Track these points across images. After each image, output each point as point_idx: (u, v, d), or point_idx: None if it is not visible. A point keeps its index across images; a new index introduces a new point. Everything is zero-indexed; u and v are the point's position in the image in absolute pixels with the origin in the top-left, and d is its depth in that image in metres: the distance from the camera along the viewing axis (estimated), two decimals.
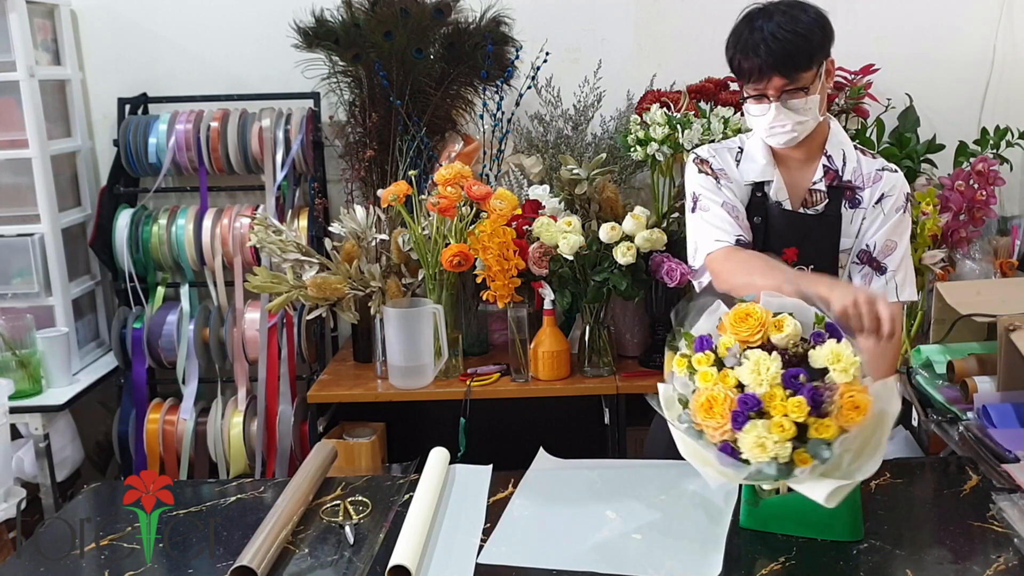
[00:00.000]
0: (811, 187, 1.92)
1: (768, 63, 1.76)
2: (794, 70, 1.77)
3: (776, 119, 1.81)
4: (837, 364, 1.45)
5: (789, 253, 1.88)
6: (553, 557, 1.58)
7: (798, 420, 1.43)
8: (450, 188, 2.57)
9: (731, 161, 1.96)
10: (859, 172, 1.93)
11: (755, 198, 1.94)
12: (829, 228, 1.92)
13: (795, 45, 1.76)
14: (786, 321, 1.49)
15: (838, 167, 1.92)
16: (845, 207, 1.92)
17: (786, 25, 1.75)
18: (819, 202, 1.92)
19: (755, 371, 1.46)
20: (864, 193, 1.92)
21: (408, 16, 2.82)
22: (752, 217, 1.93)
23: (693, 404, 1.52)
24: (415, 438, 2.81)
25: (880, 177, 1.92)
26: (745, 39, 1.78)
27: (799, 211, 1.92)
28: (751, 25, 1.79)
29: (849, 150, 1.94)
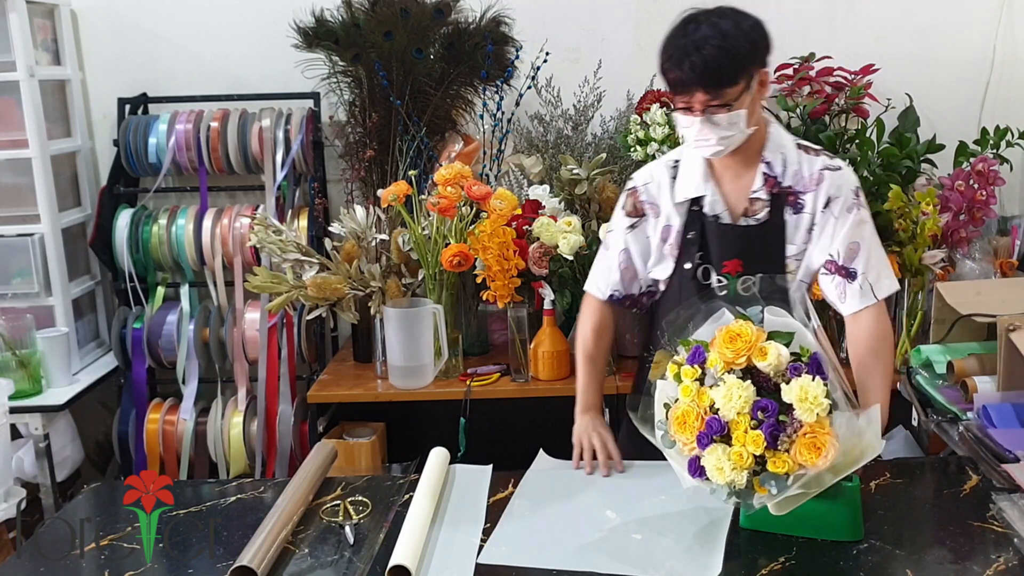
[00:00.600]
0: (751, 195, 1.86)
1: (691, 78, 1.71)
2: (718, 86, 1.71)
3: (701, 132, 1.76)
4: (803, 403, 1.46)
5: (731, 265, 1.84)
6: (553, 557, 1.58)
7: (755, 453, 1.45)
8: (450, 188, 2.56)
9: (667, 181, 1.93)
10: (801, 175, 1.86)
11: (692, 212, 1.90)
12: (773, 236, 1.86)
13: (720, 61, 1.69)
14: (770, 349, 1.50)
15: (778, 173, 1.86)
16: (789, 213, 1.86)
17: (713, 40, 1.69)
18: (760, 210, 1.86)
19: (727, 396, 1.49)
20: (807, 197, 1.85)
21: (408, 16, 2.82)
22: (687, 232, 1.91)
23: (671, 415, 1.55)
24: (415, 438, 2.81)
25: (823, 178, 1.84)
26: (673, 49, 1.73)
27: (739, 223, 1.87)
28: (681, 34, 1.73)
29: (790, 153, 1.87)
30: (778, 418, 1.47)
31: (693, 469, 1.53)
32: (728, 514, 1.66)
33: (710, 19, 1.72)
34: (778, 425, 1.47)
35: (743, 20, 1.74)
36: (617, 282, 2.00)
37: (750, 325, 1.53)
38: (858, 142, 2.61)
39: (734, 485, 1.49)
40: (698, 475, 1.53)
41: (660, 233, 1.94)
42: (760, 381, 1.52)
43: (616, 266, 1.99)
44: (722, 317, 1.61)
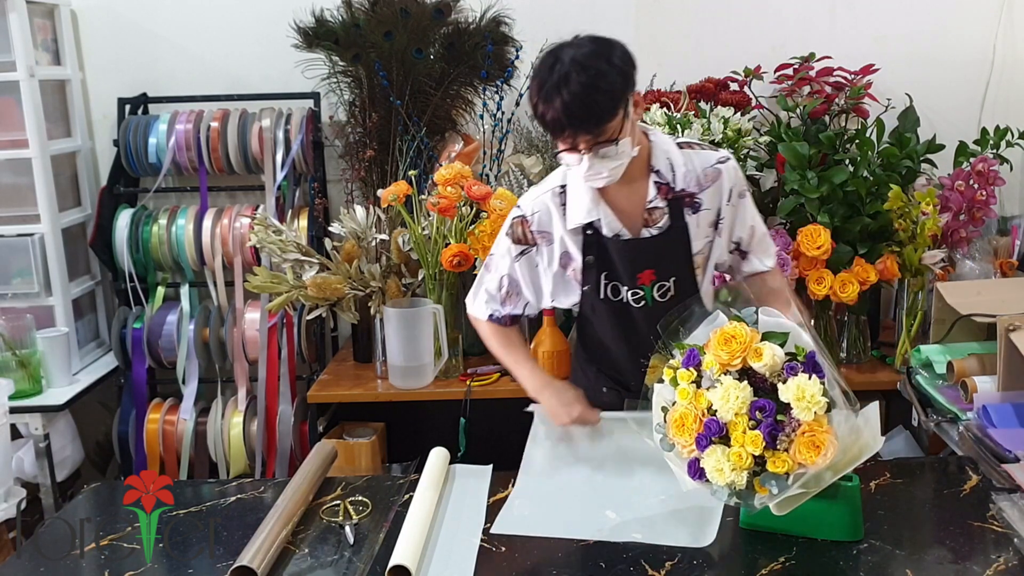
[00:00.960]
0: (648, 206, 1.85)
1: (571, 123, 1.66)
2: (598, 125, 1.67)
3: (590, 169, 1.73)
4: (800, 401, 1.46)
5: (644, 276, 1.87)
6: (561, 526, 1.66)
7: (755, 453, 1.45)
8: (450, 188, 2.56)
9: (556, 209, 1.90)
10: (692, 175, 1.86)
11: (587, 237, 1.88)
12: (679, 239, 1.87)
13: (595, 102, 1.65)
14: (765, 350, 1.50)
15: (668, 179, 1.85)
16: (688, 215, 1.87)
17: (586, 82, 1.63)
18: (660, 218, 1.85)
19: (724, 397, 1.49)
20: (704, 195, 1.86)
21: (408, 16, 2.82)
22: (586, 256, 1.89)
23: (669, 418, 1.56)
24: (415, 438, 2.81)
25: (718, 173, 1.87)
26: (544, 92, 1.66)
27: (641, 236, 1.87)
28: (548, 75, 1.65)
29: (675, 156, 1.86)
30: (776, 418, 1.47)
31: (693, 471, 1.54)
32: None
33: (575, 58, 1.65)
34: (776, 425, 1.47)
35: (607, 49, 1.69)
36: (497, 305, 2.01)
37: (744, 327, 1.53)
38: (858, 142, 2.61)
39: (734, 486, 1.49)
40: (698, 477, 1.53)
41: (559, 260, 1.93)
42: (756, 382, 1.52)
43: (495, 289, 1.99)
44: (716, 319, 1.62)
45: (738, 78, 2.91)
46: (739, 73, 2.91)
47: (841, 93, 2.81)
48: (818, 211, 2.52)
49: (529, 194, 1.96)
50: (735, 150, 2.62)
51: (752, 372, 1.52)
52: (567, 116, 1.65)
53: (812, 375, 1.48)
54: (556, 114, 1.65)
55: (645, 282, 1.88)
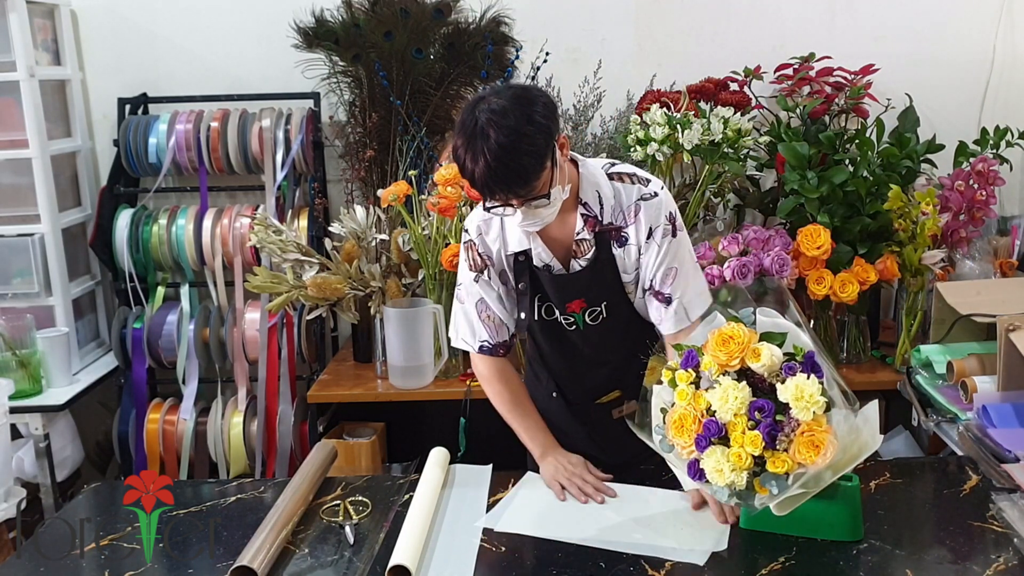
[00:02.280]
0: (576, 238, 1.84)
1: (499, 186, 1.64)
2: (526, 185, 1.64)
3: (524, 219, 1.71)
4: (799, 401, 1.46)
5: (574, 305, 1.88)
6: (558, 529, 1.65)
7: (754, 453, 1.45)
8: (450, 188, 2.56)
9: (497, 231, 1.88)
10: (619, 209, 1.82)
11: (519, 264, 1.87)
12: (607, 270, 1.85)
13: (521, 165, 1.61)
14: (763, 350, 1.50)
15: (596, 212, 1.82)
16: (615, 247, 1.84)
17: (509, 147, 1.59)
18: (588, 250, 1.84)
19: (723, 398, 1.49)
20: (629, 230, 1.83)
21: (408, 16, 2.82)
22: (517, 283, 1.89)
23: (668, 419, 1.56)
24: (415, 438, 2.81)
25: (639, 209, 1.81)
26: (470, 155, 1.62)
27: (570, 270, 1.86)
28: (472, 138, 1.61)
29: (604, 187, 1.82)
30: (775, 418, 1.47)
31: (693, 472, 1.54)
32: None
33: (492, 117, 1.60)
34: (775, 425, 1.47)
35: (528, 106, 1.63)
36: (483, 332, 1.95)
37: (742, 327, 1.53)
38: (858, 142, 2.61)
39: (734, 486, 1.49)
40: (698, 478, 1.53)
41: (503, 280, 1.93)
42: (755, 382, 1.52)
43: (476, 318, 1.94)
44: (714, 320, 1.62)
45: (738, 78, 2.91)
46: (739, 73, 2.92)
47: (841, 93, 2.81)
48: (818, 211, 2.52)
49: (472, 217, 1.92)
50: (735, 150, 2.61)
51: (751, 372, 1.52)
52: (494, 180, 1.62)
53: (811, 375, 1.48)
54: (483, 178, 1.62)
55: (575, 309, 1.89)
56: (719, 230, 2.74)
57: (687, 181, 2.82)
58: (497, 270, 1.91)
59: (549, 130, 1.65)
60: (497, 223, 1.88)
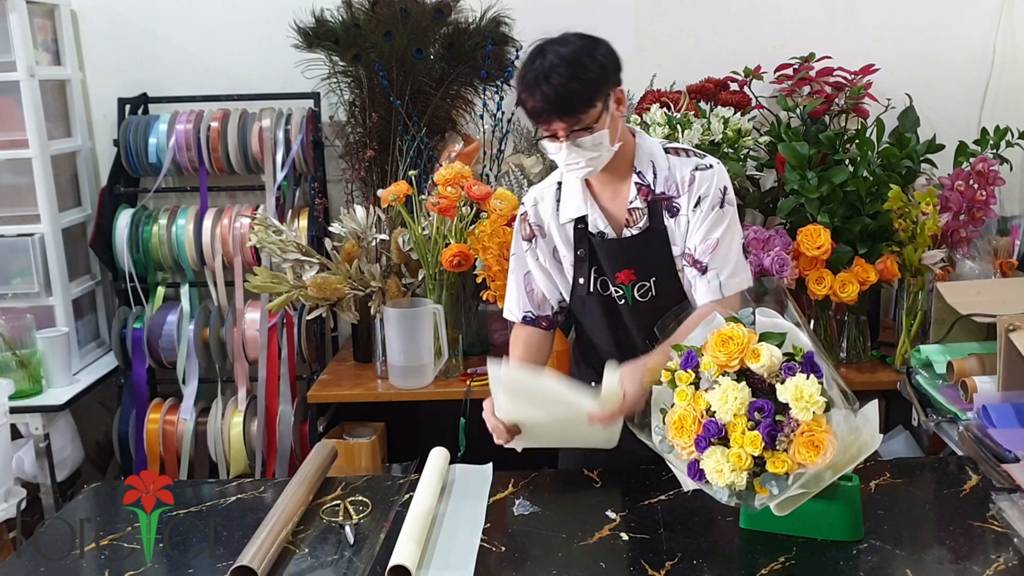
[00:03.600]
0: (629, 207, 1.89)
1: (547, 108, 1.72)
2: (572, 112, 1.73)
3: (568, 156, 1.78)
4: (799, 401, 1.46)
5: (623, 275, 1.90)
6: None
7: (754, 454, 1.46)
8: (450, 188, 2.56)
9: (552, 203, 1.96)
10: (672, 180, 1.88)
11: (577, 231, 1.93)
12: (658, 241, 1.89)
13: (571, 90, 1.71)
14: (763, 351, 1.50)
15: (649, 181, 1.88)
16: (667, 218, 1.88)
17: (561, 68, 1.70)
18: (640, 219, 1.88)
19: (723, 399, 1.49)
20: (681, 200, 1.88)
21: (408, 16, 2.82)
22: (576, 250, 1.94)
23: (668, 420, 1.56)
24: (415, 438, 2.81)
25: (693, 179, 1.86)
26: (527, 80, 1.74)
27: (622, 236, 1.90)
28: (530, 65, 1.74)
29: (659, 159, 1.89)
30: (775, 418, 1.48)
31: (693, 472, 1.54)
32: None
33: (556, 48, 1.73)
34: (775, 425, 1.47)
35: (590, 44, 1.76)
36: (528, 304, 2.03)
37: (741, 328, 1.53)
38: (858, 142, 2.61)
39: (734, 487, 1.49)
40: (698, 478, 1.53)
41: (552, 254, 1.98)
42: (755, 382, 1.52)
43: (522, 289, 2.03)
44: (713, 321, 1.62)
45: (738, 78, 2.91)
46: (739, 73, 2.92)
47: (841, 93, 2.81)
48: (818, 211, 2.52)
49: (531, 190, 2.03)
50: (735, 150, 2.62)
51: (750, 373, 1.52)
52: (545, 102, 1.71)
53: (810, 375, 1.48)
54: (536, 101, 1.72)
55: (624, 281, 1.91)
56: None
57: None
58: (549, 244, 1.97)
59: (606, 70, 1.75)
60: (553, 193, 1.96)
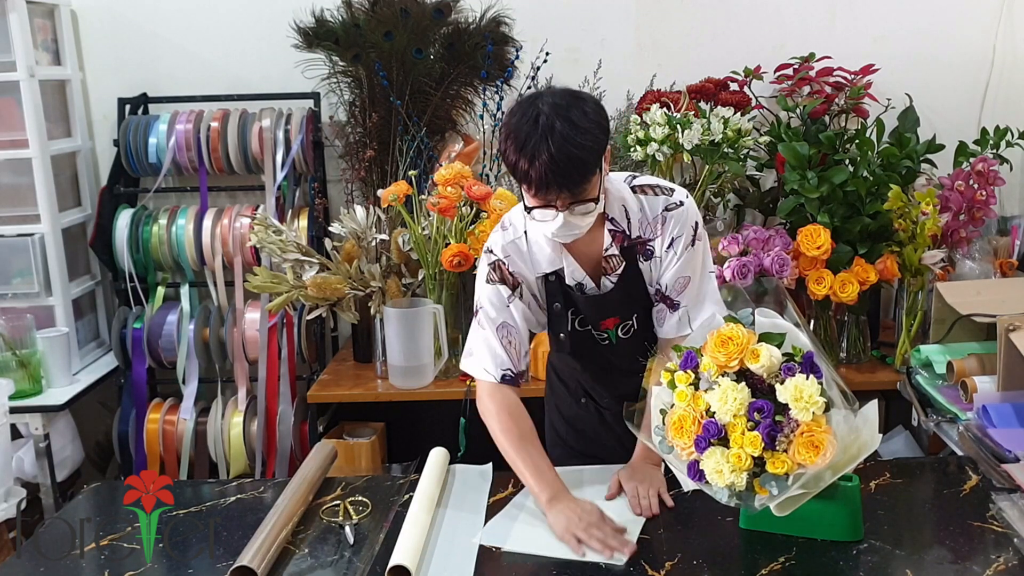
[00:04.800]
0: (605, 255, 1.81)
1: (555, 181, 1.60)
2: (580, 184, 1.62)
3: (564, 227, 1.67)
4: (798, 402, 1.46)
5: (609, 323, 1.86)
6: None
7: (754, 454, 1.46)
8: (450, 188, 2.56)
9: (524, 251, 1.83)
10: (645, 221, 1.80)
11: (550, 283, 1.84)
12: (636, 283, 1.83)
13: (580, 161, 1.59)
14: (762, 351, 1.50)
15: (623, 227, 1.80)
16: (641, 261, 1.82)
17: (571, 139, 1.57)
18: (617, 266, 1.81)
19: (723, 399, 1.49)
20: (655, 243, 1.80)
21: (408, 16, 2.82)
22: (552, 303, 1.85)
23: (668, 420, 1.56)
24: (415, 438, 2.81)
25: (665, 220, 1.79)
26: (525, 145, 1.58)
27: (602, 288, 1.83)
28: (529, 128, 1.59)
29: (630, 201, 1.79)
30: (774, 418, 1.47)
31: (693, 473, 1.54)
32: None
33: (559, 113, 1.59)
34: (775, 425, 1.47)
35: (586, 104, 1.63)
36: (506, 360, 1.82)
37: (740, 328, 1.53)
38: (858, 142, 2.61)
39: (734, 487, 1.49)
40: (698, 479, 1.53)
41: (535, 300, 1.87)
42: (754, 383, 1.52)
43: (498, 344, 1.83)
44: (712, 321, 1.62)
45: (738, 78, 2.91)
46: (739, 73, 2.92)
47: (841, 93, 2.81)
48: (818, 211, 2.53)
49: (496, 238, 1.85)
50: (735, 150, 2.61)
51: (750, 373, 1.52)
52: (553, 172, 1.58)
53: (810, 375, 1.48)
54: (541, 170, 1.58)
55: (610, 326, 1.87)
56: (719, 230, 2.74)
57: (687, 181, 2.82)
58: (529, 291, 1.86)
59: (604, 130, 1.65)
60: (523, 245, 1.82)
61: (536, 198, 1.65)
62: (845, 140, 2.70)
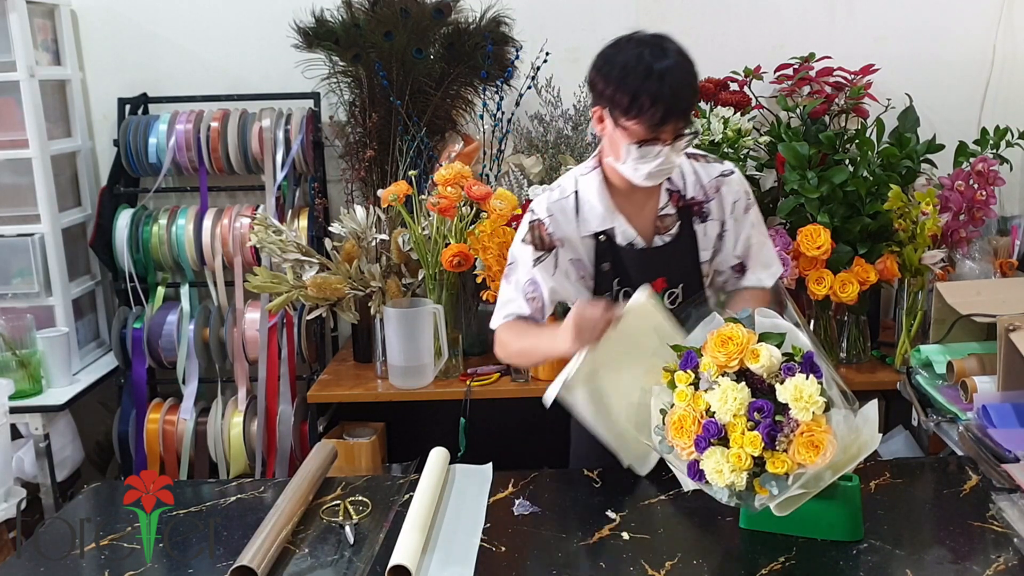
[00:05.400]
0: (660, 213, 1.87)
1: (676, 109, 1.67)
2: (687, 113, 1.72)
3: (665, 162, 1.73)
4: (798, 402, 1.46)
5: (657, 284, 1.86)
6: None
7: (754, 454, 1.46)
8: (450, 188, 2.56)
9: (572, 214, 1.87)
10: (699, 185, 1.89)
11: (600, 244, 1.87)
12: (688, 248, 1.89)
13: (693, 90, 1.72)
14: (762, 351, 1.50)
15: (680, 187, 1.88)
16: (696, 223, 1.89)
17: (687, 68, 1.69)
18: (671, 226, 1.87)
19: (722, 399, 1.49)
20: (711, 205, 1.89)
21: (408, 16, 2.82)
22: (600, 264, 1.88)
23: (668, 420, 1.56)
24: (415, 438, 2.81)
25: (720, 185, 1.89)
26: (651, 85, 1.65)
27: (654, 245, 1.88)
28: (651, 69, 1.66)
29: (685, 165, 1.89)
30: (774, 418, 1.48)
31: (693, 473, 1.54)
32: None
33: (664, 46, 1.69)
34: (775, 425, 1.47)
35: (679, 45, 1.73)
36: (526, 310, 1.89)
37: (740, 328, 1.53)
38: (858, 142, 2.61)
39: (734, 487, 1.49)
40: (698, 479, 1.53)
41: (574, 268, 1.89)
42: (754, 383, 1.52)
43: (522, 297, 1.89)
44: (712, 321, 1.62)
45: (738, 78, 2.91)
46: (739, 73, 2.92)
47: (841, 93, 2.81)
48: (818, 211, 2.52)
49: (542, 199, 1.91)
50: (735, 150, 2.62)
51: (750, 373, 1.52)
52: (675, 99, 1.66)
53: (809, 375, 1.48)
54: (666, 98, 1.65)
55: (657, 290, 1.86)
56: None
57: None
58: (571, 257, 1.89)
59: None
60: (572, 205, 1.87)
61: (650, 130, 1.68)
62: (845, 140, 2.70)
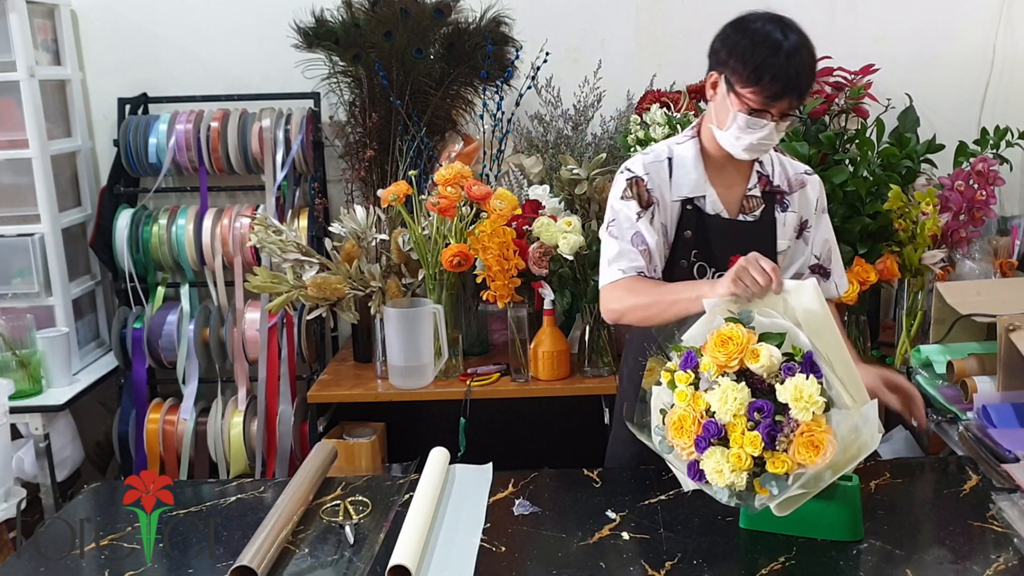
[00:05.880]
0: (748, 193, 1.91)
1: (791, 89, 1.73)
2: (802, 97, 1.79)
3: (767, 137, 1.77)
4: (798, 402, 1.46)
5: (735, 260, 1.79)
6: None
7: (754, 454, 1.46)
8: (450, 188, 2.57)
9: (665, 175, 1.89)
10: (785, 176, 1.95)
11: (686, 212, 1.89)
12: (767, 232, 1.92)
13: (812, 73, 1.78)
14: (762, 351, 1.50)
15: (769, 172, 1.93)
16: (778, 211, 1.93)
17: (810, 49, 1.76)
18: (756, 207, 1.92)
19: (723, 399, 1.49)
20: (791, 198, 1.94)
21: (408, 16, 2.82)
22: (682, 231, 1.89)
23: (668, 420, 1.56)
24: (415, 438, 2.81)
25: (805, 182, 1.95)
26: (776, 60, 1.71)
27: (739, 219, 1.91)
28: (780, 45, 1.72)
29: (773, 154, 1.95)
30: (774, 418, 1.47)
31: (693, 473, 1.54)
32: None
33: (792, 26, 1.77)
34: (775, 425, 1.47)
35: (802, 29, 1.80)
36: (640, 262, 1.83)
37: (740, 328, 1.53)
38: (858, 142, 2.61)
39: (734, 487, 1.49)
40: (698, 478, 1.53)
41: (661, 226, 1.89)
42: (754, 383, 1.52)
43: (632, 248, 1.84)
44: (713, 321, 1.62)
45: None
46: None
47: (841, 93, 2.81)
48: None
49: (636, 159, 1.90)
50: None
51: (750, 373, 1.52)
52: (798, 76, 1.72)
53: (809, 375, 1.48)
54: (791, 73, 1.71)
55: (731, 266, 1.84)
56: None
57: None
58: (659, 219, 1.88)
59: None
60: (666, 169, 1.90)
61: (764, 101, 1.73)
62: (845, 140, 2.70)
